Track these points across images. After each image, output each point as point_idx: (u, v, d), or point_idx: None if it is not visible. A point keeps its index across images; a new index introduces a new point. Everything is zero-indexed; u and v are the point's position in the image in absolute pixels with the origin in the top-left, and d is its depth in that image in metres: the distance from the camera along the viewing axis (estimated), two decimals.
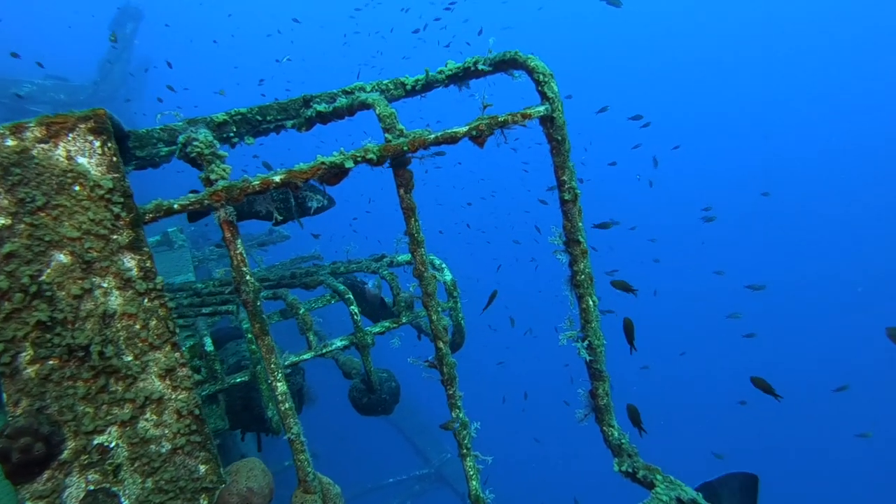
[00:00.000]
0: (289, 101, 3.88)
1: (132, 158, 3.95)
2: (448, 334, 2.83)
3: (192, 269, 9.73)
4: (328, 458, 17.49)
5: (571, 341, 3.12)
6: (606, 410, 3.24)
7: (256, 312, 2.50)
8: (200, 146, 2.33)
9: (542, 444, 24.04)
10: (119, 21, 24.05)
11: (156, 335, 2.24)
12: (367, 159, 2.41)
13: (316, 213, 4.50)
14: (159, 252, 11.40)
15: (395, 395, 4.73)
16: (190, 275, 9.32)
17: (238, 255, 2.43)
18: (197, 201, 2.24)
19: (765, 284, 15.10)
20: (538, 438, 23.87)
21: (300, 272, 5.15)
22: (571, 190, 2.95)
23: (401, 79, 3.95)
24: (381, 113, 2.58)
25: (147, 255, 2.20)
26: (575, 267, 3.05)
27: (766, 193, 23.97)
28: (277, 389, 2.60)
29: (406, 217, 2.66)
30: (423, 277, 2.73)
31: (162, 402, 2.28)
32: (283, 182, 2.30)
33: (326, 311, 5.64)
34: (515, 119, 2.71)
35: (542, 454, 24.22)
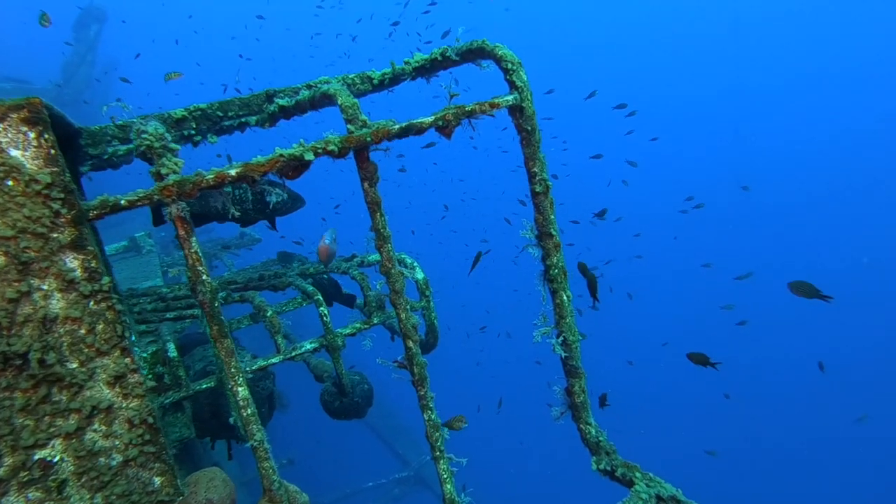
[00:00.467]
0: (251, 95, 3.75)
1: (86, 158, 3.78)
2: (420, 333, 2.72)
3: (160, 274, 9.48)
4: (305, 463, 17.25)
5: (546, 338, 3.03)
6: (583, 408, 3.16)
7: (214, 314, 2.37)
8: (150, 139, 2.19)
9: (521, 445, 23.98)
10: (82, 22, 23.49)
11: (103, 340, 2.10)
12: (328, 151, 2.30)
13: (284, 212, 4.35)
14: (127, 258, 11.11)
15: (368, 398, 4.60)
16: (158, 280, 9.06)
17: (193, 253, 2.30)
18: (146, 197, 2.10)
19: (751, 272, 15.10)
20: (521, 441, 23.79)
21: (268, 274, 5.00)
22: (543, 182, 2.86)
23: (367, 73, 3.84)
24: (343, 103, 2.47)
25: (92, 254, 2.06)
26: (548, 261, 2.97)
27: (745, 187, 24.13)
28: (238, 394, 2.46)
29: (371, 212, 2.54)
30: (391, 274, 2.62)
31: (111, 411, 2.14)
32: (239, 176, 2.18)
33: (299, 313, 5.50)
34: (483, 109, 2.61)
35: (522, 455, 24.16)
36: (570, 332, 3.04)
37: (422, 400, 2.80)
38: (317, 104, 3.02)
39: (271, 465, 2.53)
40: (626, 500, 2.65)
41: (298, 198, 4.40)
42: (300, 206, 4.49)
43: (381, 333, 4.90)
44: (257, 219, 4.28)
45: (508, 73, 2.75)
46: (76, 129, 3.34)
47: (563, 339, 3.03)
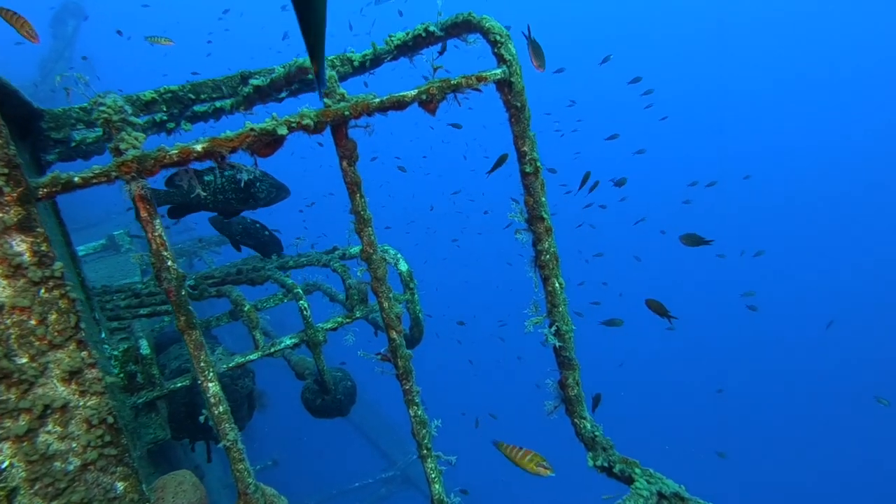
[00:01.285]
0: (225, 77, 3.56)
1: (50, 143, 3.56)
2: (403, 324, 2.55)
3: (138, 272, 9.22)
4: (289, 464, 17.00)
5: (538, 328, 2.88)
6: (577, 401, 3.02)
7: (181, 303, 2.18)
8: (108, 111, 2.00)
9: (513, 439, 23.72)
10: (60, 18, 23.04)
11: (56, 332, 1.91)
12: (302, 125, 2.12)
13: (268, 201, 4.15)
14: (105, 256, 10.82)
15: (350, 396, 4.43)
16: (136, 278, 8.81)
17: (157, 237, 2.11)
18: (103, 174, 1.91)
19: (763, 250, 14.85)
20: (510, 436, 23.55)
21: (246, 268, 4.80)
22: (533, 162, 2.70)
23: (347, 54, 3.66)
24: None
25: (42, 237, 1.87)
26: (539, 246, 2.81)
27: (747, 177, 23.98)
28: (209, 390, 2.28)
29: (350, 193, 2.37)
30: (372, 260, 2.45)
31: (67, 410, 1.94)
32: (205, 151, 1.99)
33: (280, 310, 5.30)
34: (470, 83, 2.45)
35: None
36: (564, 321, 2.89)
37: (407, 394, 2.64)
38: (292, 79, 2.84)
39: (246, 466, 2.35)
40: (626, 497, 2.50)
41: (282, 187, 4.20)
42: (285, 197, 4.28)
43: (365, 328, 4.74)
44: (240, 209, 4.07)
45: (496, 46, 2.59)
46: (37, 111, 3.13)
47: (556, 328, 2.88)
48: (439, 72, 2.47)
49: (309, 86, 3.96)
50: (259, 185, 3.88)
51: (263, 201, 4.11)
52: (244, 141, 2.04)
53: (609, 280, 24.44)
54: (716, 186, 18.76)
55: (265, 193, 4.03)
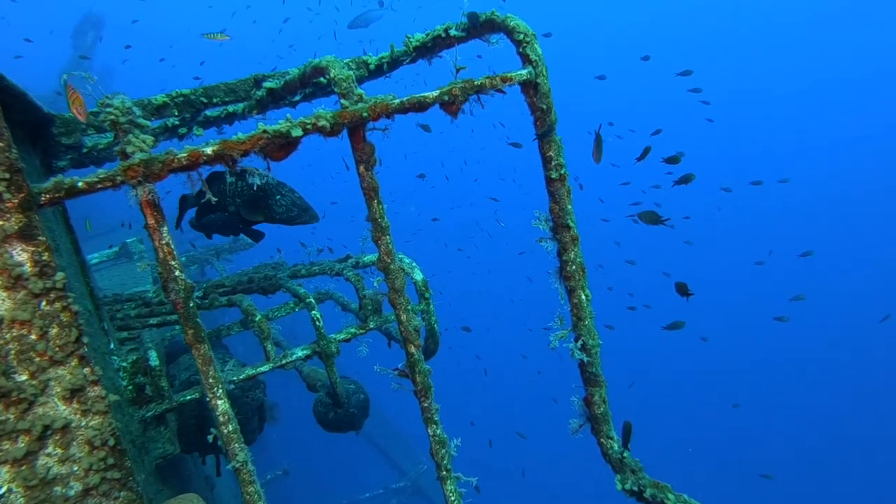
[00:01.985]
0: (238, 81, 3.46)
1: (62, 149, 3.48)
2: (420, 338, 2.42)
3: (150, 280, 9.17)
4: (300, 474, 16.86)
5: (563, 342, 2.74)
6: (604, 420, 2.87)
7: (189, 316, 2.06)
8: (115, 112, 1.89)
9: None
10: (81, 30, 23.34)
11: (57, 347, 1.79)
12: (318, 127, 2.00)
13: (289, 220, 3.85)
14: (118, 264, 10.79)
15: (364, 409, 4.29)
16: (148, 286, 8.75)
17: (164, 245, 2.00)
18: (108, 178, 1.80)
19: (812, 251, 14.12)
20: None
21: (258, 276, 4.69)
22: (559, 167, 2.57)
23: (363, 57, 3.56)
24: (336, 76, 2.18)
25: (44, 245, 1.76)
26: (565, 256, 2.68)
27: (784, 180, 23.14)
28: (218, 408, 2.16)
29: (367, 199, 2.25)
30: (389, 270, 2.33)
31: (68, 430, 1.83)
32: (215, 155, 1.88)
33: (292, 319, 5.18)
34: (494, 83, 2.32)
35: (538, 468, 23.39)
36: (590, 335, 2.75)
37: (425, 412, 2.50)
38: (307, 81, 2.73)
39: (257, 489, 2.22)
40: None
41: (308, 209, 3.90)
42: (308, 220, 3.96)
43: (378, 339, 4.61)
44: (252, 219, 3.86)
45: (521, 46, 2.47)
46: (47, 116, 3.04)
47: (582, 343, 2.74)
48: (462, 73, 2.35)
49: (324, 90, 3.86)
50: (279, 199, 3.65)
51: (280, 216, 3.83)
52: (256, 143, 1.93)
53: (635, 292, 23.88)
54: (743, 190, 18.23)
55: (283, 209, 3.76)
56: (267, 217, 3.74)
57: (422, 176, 18.51)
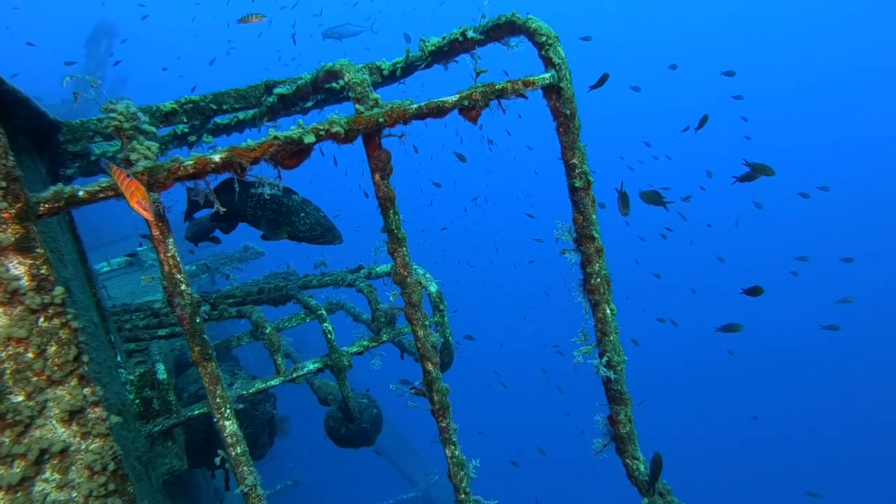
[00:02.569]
0: (248, 87, 3.37)
1: (69, 157, 3.40)
2: (437, 353, 2.30)
3: (161, 289, 9.09)
4: (310, 484, 16.73)
5: (587, 358, 2.61)
6: (629, 440, 2.73)
7: (195, 332, 1.96)
8: (119, 118, 1.80)
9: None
10: (94, 38, 23.53)
11: (56, 366, 1.69)
12: (332, 134, 1.90)
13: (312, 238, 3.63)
14: (129, 273, 10.75)
15: (376, 424, 4.17)
16: (158, 295, 8.69)
17: (170, 258, 1.89)
18: (110, 187, 1.70)
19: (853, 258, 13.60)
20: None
21: (268, 287, 4.59)
22: (583, 175, 2.45)
23: (376, 63, 3.46)
24: (351, 80, 2.07)
25: (42, 258, 1.66)
26: (588, 268, 2.55)
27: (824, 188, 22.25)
28: (225, 430, 2.05)
29: (383, 209, 2.14)
30: (406, 283, 2.21)
31: (67, 454, 1.72)
32: (223, 162, 1.78)
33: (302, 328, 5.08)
34: (516, 88, 2.21)
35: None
36: (615, 351, 2.62)
37: (443, 433, 2.38)
38: (320, 86, 2.63)
39: None
40: None
41: (332, 230, 3.71)
42: (331, 240, 3.78)
43: (391, 350, 4.49)
44: (274, 234, 3.67)
45: (544, 49, 2.36)
46: (53, 122, 2.96)
47: (608, 359, 2.61)
48: (482, 76, 2.24)
49: (335, 97, 3.77)
50: (303, 217, 3.49)
51: (304, 234, 3.64)
52: (266, 151, 1.82)
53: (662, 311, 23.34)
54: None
55: (307, 227, 3.58)
56: (290, 234, 3.58)
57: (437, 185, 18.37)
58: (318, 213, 3.46)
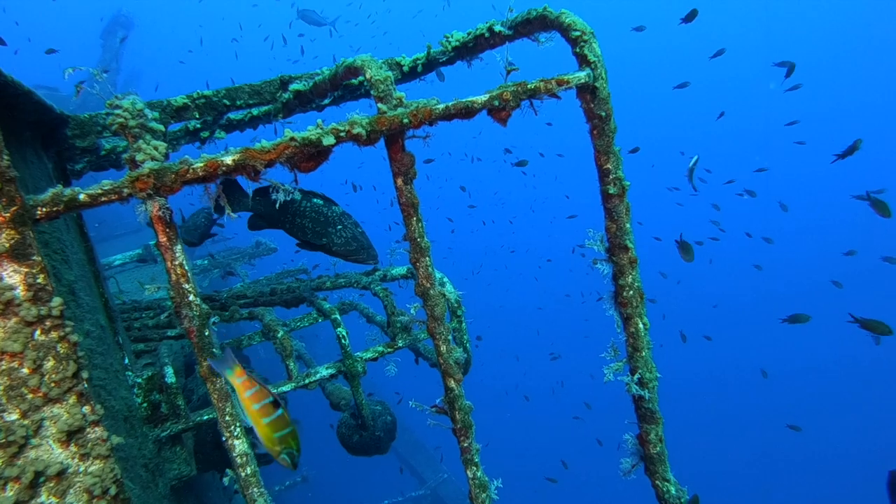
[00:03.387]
0: (263, 82, 3.24)
1: (77, 152, 3.28)
2: (461, 370, 2.16)
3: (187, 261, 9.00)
4: (318, 480, 16.67)
5: (618, 375, 2.46)
6: (660, 460, 2.58)
7: (204, 346, 1.83)
8: (124, 115, 1.67)
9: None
10: (110, 30, 23.51)
11: (53, 382, 1.57)
12: (352, 135, 1.76)
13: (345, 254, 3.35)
14: (141, 266, 10.68)
15: (390, 432, 4.04)
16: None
17: (178, 266, 1.76)
18: (113, 190, 1.57)
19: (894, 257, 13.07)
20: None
21: (280, 288, 4.47)
22: (618, 181, 2.30)
23: (395, 58, 3.32)
24: (374, 77, 1.93)
25: (38, 266, 1.53)
26: (621, 280, 2.40)
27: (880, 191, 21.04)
28: (235, 449, 1.92)
29: (406, 216, 2.00)
30: (429, 296, 2.07)
31: (64, 477, 1.60)
32: (235, 165, 1.64)
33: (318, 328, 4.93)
34: (549, 87, 2.06)
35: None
36: (647, 367, 2.47)
37: (465, 453, 2.24)
38: (339, 82, 2.49)
39: None
40: None
41: (367, 248, 3.47)
42: (365, 259, 3.52)
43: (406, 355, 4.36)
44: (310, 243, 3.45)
45: (578, 45, 2.20)
46: (59, 116, 2.84)
47: (640, 377, 2.45)
48: (513, 74, 2.09)
49: (353, 93, 3.63)
50: (340, 230, 3.30)
51: (337, 248, 3.43)
52: (282, 153, 1.69)
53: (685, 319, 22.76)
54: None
55: (342, 241, 3.37)
56: (324, 247, 3.40)
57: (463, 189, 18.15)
58: (355, 227, 3.26)
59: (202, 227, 4.03)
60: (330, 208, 3.04)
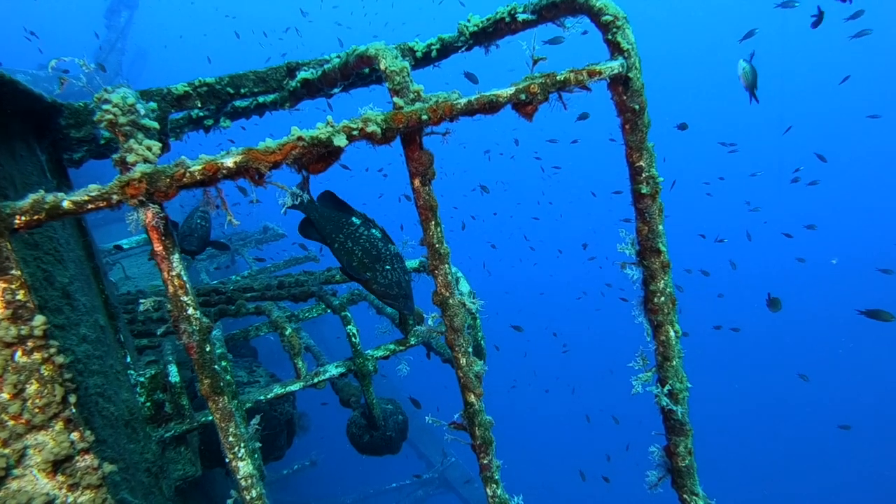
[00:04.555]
0: (269, 69, 3.06)
1: (73, 142, 3.12)
2: (481, 384, 2.01)
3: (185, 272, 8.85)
4: (326, 462, 16.71)
5: (646, 385, 2.30)
6: (688, 474, 2.43)
7: (205, 364, 1.68)
8: (114, 111, 1.51)
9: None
10: (114, 9, 23.23)
11: (37, 408, 1.43)
12: (366, 134, 1.59)
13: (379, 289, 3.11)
14: (149, 249, 10.51)
15: (402, 432, 3.92)
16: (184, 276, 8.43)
17: (175, 278, 1.61)
18: (101, 196, 1.42)
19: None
20: None
21: (289, 281, 4.33)
22: (651, 180, 2.12)
23: (409, 44, 3.13)
24: (388, 67, 1.76)
25: (17, 281, 1.39)
26: (652, 286, 2.23)
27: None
28: (240, 471, 1.78)
29: (423, 219, 1.84)
30: (448, 306, 1.91)
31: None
32: (238, 167, 1.48)
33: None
34: (580, 79, 1.88)
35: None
36: (677, 377, 2.31)
37: (485, 470, 2.09)
38: (349, 72, 2.32)
39: None
40: None
41: (409, 297, 3.09)
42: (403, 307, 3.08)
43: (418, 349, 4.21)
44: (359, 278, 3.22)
45: (610, 32, 2.02)
46: (52, 105, 2.68)
47: (669, 387, 2.30)
48: (540, 65, 1.91)
49: (364, 80, 3.45)
50: (388, 270, 3.05)
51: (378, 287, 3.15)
52: (289, 153, 1.52)
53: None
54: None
55: (385, 283, 3.10)
56: (365, 281, 3.18)
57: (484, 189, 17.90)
58: (403, 273, 3.02)
59: (199, 230, 3.78)
60: (386, 245, 2.81)
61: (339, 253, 3.10)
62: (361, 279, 2.96)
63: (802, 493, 21.68)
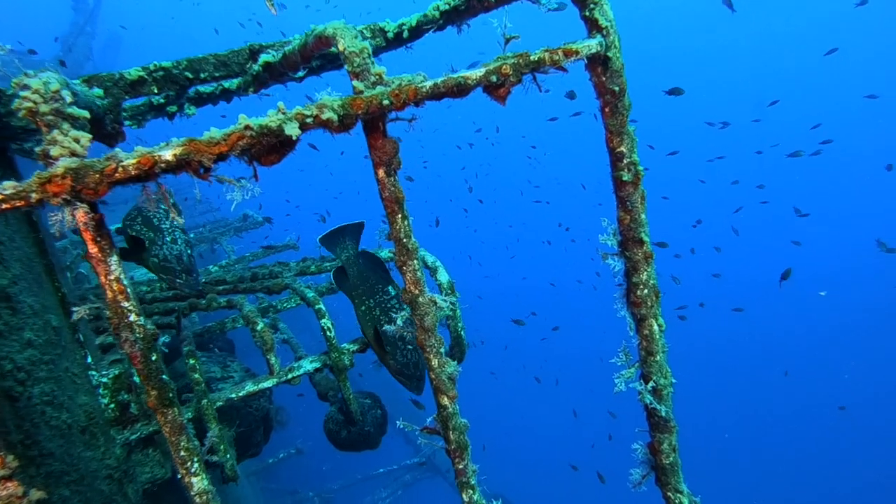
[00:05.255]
0: (230, 52, 2.89)
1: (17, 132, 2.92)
2: (455, 386, 1.89)
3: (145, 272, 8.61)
4: (314, 450, 16.64)
5: (629, 382, 2.20)
6: (672, 471, 2.35)
7: (151, 374, 1.54)
8: (33, 98, 1.35)
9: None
10: None
11: None
12: (322, 122, 1.44)
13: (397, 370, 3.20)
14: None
15: (380, 426, 3.81)
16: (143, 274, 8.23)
17: (114, 281, 1.47)
18: (17, 195, 1.26)
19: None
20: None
21: (262, 273, 4.17)
22: (632, 166, 2.00)
23: (379, 24, 2.97)
24: (347, 48, 1.61)
25: None
26: (634, 278, 2.12)
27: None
28: (194, 487, 1.65)
29: (389, 213, 1.70)
30: (417, 304, 1.78)
31: None
32: (177, 160, 1.33)
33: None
34: (555, 59, 1.75)
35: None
36: (662, 373, 2.21)
37: (460, 475, 1.99)
38: (309, 54, 2.16)
39: None
40: None
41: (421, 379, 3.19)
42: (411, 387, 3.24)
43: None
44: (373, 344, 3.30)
45: (588, 7, 1.88)
46: None
47: (653, 383, 2.20)
48: (512, 44, 1.77)
49: (333, 63, 3.29)
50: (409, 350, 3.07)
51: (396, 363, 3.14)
52: (235, 144, 1.38)
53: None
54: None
55: (404, 361, 3.12)
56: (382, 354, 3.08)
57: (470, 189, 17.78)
58: (421, 356, 2.91)
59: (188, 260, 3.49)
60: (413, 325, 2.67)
61: (364, 317, 3.02)
62: (377, 349, 2.89)
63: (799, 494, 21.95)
